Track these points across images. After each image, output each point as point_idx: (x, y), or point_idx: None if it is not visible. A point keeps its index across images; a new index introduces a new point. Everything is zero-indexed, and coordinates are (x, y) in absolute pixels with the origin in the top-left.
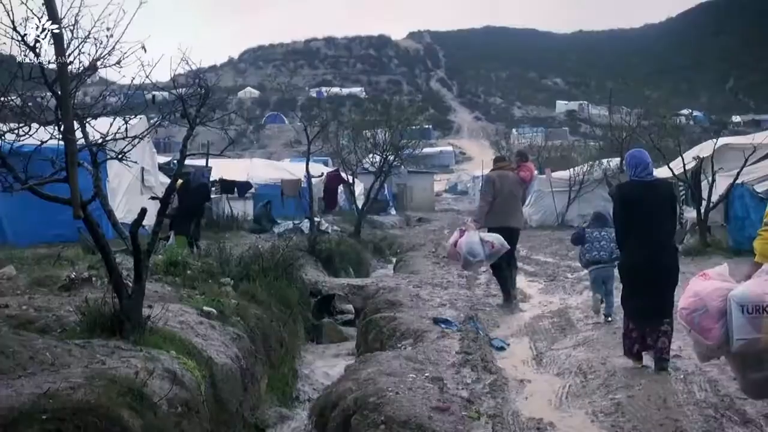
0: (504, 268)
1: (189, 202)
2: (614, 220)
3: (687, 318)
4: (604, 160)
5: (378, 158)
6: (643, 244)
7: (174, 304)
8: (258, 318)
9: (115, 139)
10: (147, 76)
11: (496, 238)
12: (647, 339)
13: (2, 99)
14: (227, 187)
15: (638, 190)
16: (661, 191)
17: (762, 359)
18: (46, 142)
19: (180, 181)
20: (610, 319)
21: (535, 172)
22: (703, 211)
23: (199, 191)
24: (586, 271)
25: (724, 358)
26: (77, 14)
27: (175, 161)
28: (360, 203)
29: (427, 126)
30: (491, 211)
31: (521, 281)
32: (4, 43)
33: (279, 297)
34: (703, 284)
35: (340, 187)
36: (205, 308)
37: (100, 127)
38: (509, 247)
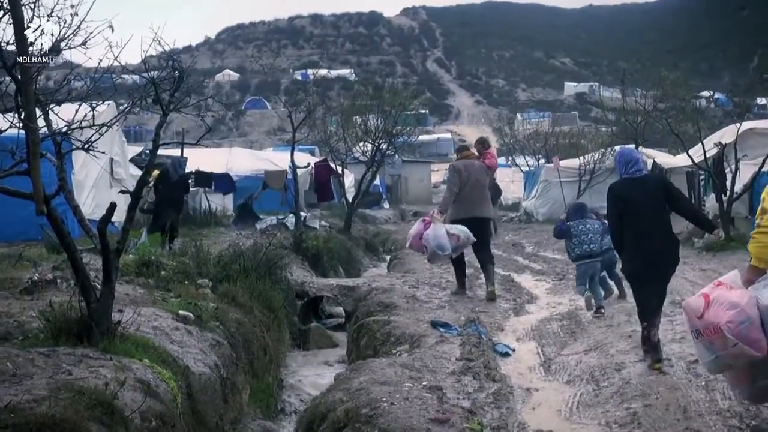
0: (463, 260)
1: (169, 195)
2: (609, 219)
3: (736, 331)
4: (617, 147)
5: (370, 147)
6: (643, 242)
7: (147, 308)
8: (239, 323)
9: (81, 128)
10: (115, 58)
11: (462, 231)
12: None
13: None
14: (204, 179)
15: (631, 186)
16: (652, 184)
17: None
18: (5, 131)
19: (156, 172)
20: (603, 310)
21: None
22: (725, 201)
23: (179, 184)
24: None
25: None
26: None
27: (148, 151)
28: (350, 196)
29: (423, 111)
30: (459, 201)
31: (527, 281)
32: None
33: (262, 300)
34: (734, 293)
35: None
36: (180, 312)
37: (64, 114)
38: (474, 239)
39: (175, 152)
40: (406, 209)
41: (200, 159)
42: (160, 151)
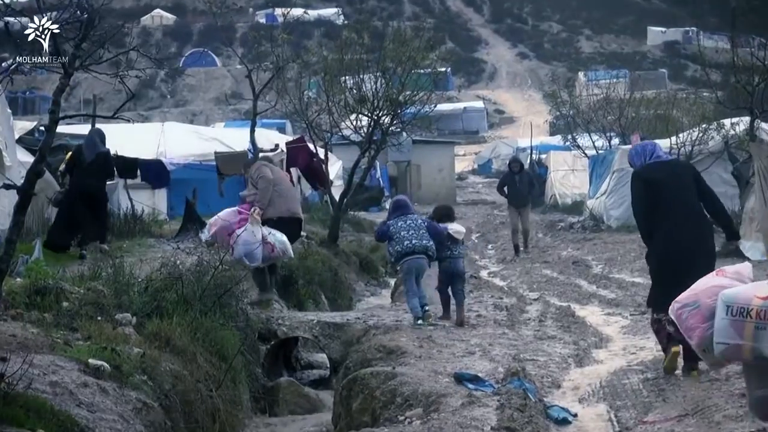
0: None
1: (82, 182)
2: (635, 209)
3: (677, 313)
4: (726, 121)
5: (365, 121)
6: (675, 227)
7: (42, 356)
8: (176, 376)
9: None
10: None
11: (279, 243)
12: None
13: None
14: (125, 167)
15: (661, 170)
16: (684, 169)
17: (763, 374)
18: None
19: (69, 153)
20: (427, 309)
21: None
22: None
23: (99, 166)
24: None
25: None
26: None
27: (43, 128)
28: (338, 192)
29: (443, 69)
30: (278, 197)
31: (594, 315)
32: None
33: (209, 343)
34: (707, 280)
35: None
36: (91, 362)
37: None
38: (291, 255)
39: (84, 128)
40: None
41: (120, 139)
42: (62, 128)
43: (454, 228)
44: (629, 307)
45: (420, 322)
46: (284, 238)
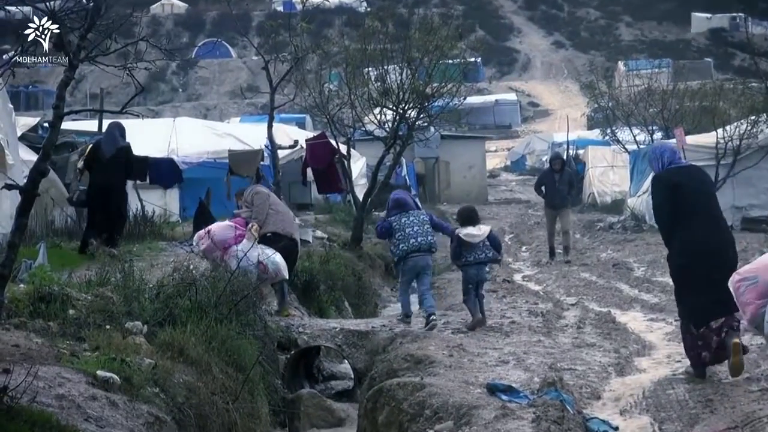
0: None
1: (102, 181)
2: (658, 213)
3: (735, 285)
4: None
5: (390, 115)
6: (699, 231)
7: (48, 367)
8: (190, 389)
9: None
10: None
11: (272, 264)
12: (719, 338)
13: None
14: (135, 167)
15: (682, 174)
16: (705, 175)
17: None
18: None
19: (89, 147)
20: (434, 318)
21: None
22: None
23: (117, 162)
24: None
25: None
26: None
27: (47, 124)
28: (361, 192)
29: (473, 59)
30: (274, 215)
31: (636, 321)
32: None
33: (225, 353)
34: None
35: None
36: (100, 373)
37: None
38: (285, 276)
39: (91, 124)
40: (447, 210)
41: (128, 136)
42: (68, 124)
43: (466, 231)
44: (673, 312)
45: (408, 319)
46: (278, 258)
